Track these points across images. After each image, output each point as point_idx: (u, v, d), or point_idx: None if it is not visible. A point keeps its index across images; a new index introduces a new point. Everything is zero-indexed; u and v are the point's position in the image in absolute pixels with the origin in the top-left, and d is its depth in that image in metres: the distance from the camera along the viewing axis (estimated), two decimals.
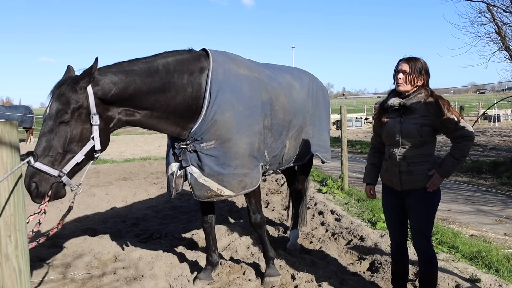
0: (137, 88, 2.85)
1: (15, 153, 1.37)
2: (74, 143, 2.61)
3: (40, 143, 2.54)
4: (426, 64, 2.96)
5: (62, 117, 2.55)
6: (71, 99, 2.58)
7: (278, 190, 8.00)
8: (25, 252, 1.41)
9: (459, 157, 2.82)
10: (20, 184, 1.41)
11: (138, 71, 2.88)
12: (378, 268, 3.94)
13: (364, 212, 6.07)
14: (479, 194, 7.77)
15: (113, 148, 16.66)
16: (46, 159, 2.51)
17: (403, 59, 2.98)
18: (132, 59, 3.00)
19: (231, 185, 3.24)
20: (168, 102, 3.02)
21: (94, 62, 2.63)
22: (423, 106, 2.86)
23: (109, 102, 2.78)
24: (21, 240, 1.39)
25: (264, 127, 3.45)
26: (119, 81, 2.78)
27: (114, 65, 2.89)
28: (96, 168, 11.40)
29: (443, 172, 2.84)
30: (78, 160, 2.63)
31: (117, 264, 4.16)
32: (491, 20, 10.85)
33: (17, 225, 1.37)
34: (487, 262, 4.09)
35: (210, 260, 3.81)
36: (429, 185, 2.86)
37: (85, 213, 6.42)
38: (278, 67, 4.23)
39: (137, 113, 2.96)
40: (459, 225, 5.72)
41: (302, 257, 4.30)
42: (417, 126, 2.84)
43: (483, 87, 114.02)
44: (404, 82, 2.91)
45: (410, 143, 2.88)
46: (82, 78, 2.62)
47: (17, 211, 1.38)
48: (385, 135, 3.04)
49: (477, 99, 47.67)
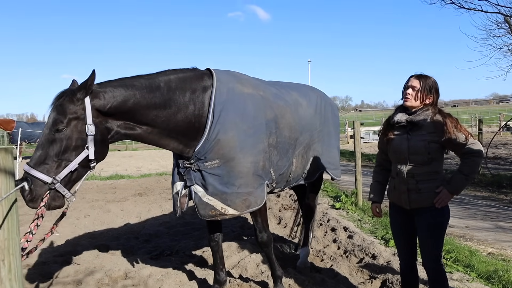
0: (136, 102, 2.90)
1: (10, 178, 1.42)
2: (68, 152, 2.66)
3: (37, 151, 2.63)
4: (436, 83, 2.94)
5: (57, 126, 2.63)
6: (67, 109, 2.66)
7: (291, 206, 7.94)
8: (19, 276, 1.44)
9: (468, 173, 2.77)
10: (15, 209, 1.45)
11: (138, 86, 2.94)
12: (389, 287, 3.85)
13: (378, 229, 5.97)
14: (499, 210, 7.55)
15: (130, 163, 16.95)
16: (41, 167, 2.57)
17: (414, 75, 2.97)
18: (134, 75, 3.07)
19: (235, 204, 3.24)
20: (169, 119, 3.06)
21: (91, 75, 2.70)
22: (430, 123, 2.83)
23: (108, 114, 2.83)
24: (15, 264, 1.42)
25: (269, 145, 3.46)
26: (118, 95, 2.84)
27: (116, 80, 2.97)
28: (113, 184, 11.58)
29: (451, 188, 2.79)
30: (71, 169, 2.67)
31: (127, 282, 4.19)
32: (509, 31, 10.69)
33: (10, 250, 1.41)
34: (504, 282, 3.95)
35: (217, 279, 3.80)
36: (437, 201, 2.79)
37: (100, 229, 6.51)
38: (285, 85, 4.24)
39: (137, 128, 3.01)
40: (477, 243, 5.56)
41: (312, 276, 4.24)
42: (425, 143, 2.81)
43: (506, 98, 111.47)
44: (412, 97, 2.89)
45: (418, 160, 2.84)
46: (79, 90, 2.71)
47: (11, 235, 1.42)
48: (391, 152, 3.01)
49: (499, 110, 46.61)
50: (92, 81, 2.71)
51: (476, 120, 22.43)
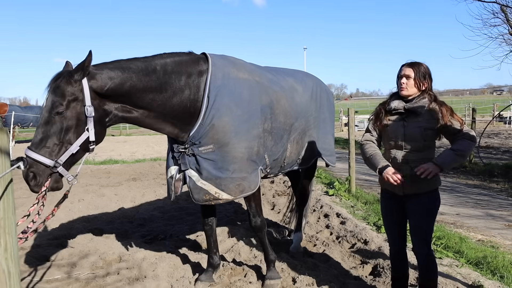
0: (133, 85, 2.90)
1: (5, 158, 1.42)
2: (69, 134, 2.66)
3: (37, 134, 2.61)
4: (428, 68, 2.96)
5: (57, 109, 2.62)
6: (66, 91, 2.64)
7: (285, 192, 8.00)
8: (15, 255, 1.45)
9: (457, 149, 2.74)
10: (10, 188, 1.45)
11: (135, 69, 2.93)
12: (380, 272, 3.92)
13: (370, 215, 6.04)
14: (490, 198, 7.65)
15: (125, 148, 16.90)
16: (43, 150, 2.56)
17: (406, 64, 2.97)
18: (130, 58, 3.05)
19: (228, 189, 3.26)
20: (165, 103, 3.05)
21: (88, 56, 2.68)
22: (427, 110, 2.85)
23: (105, 96, 2.83)
24: (11, 243, 1.43)
25: (264, 130, 3.46)
26: (115, 77, 2.83)
27: (112, 62, 2.95)
28: (107, 168, 11.56)
29: (438, 160, 2.75)
30: (73, 151, 2.67)
31: (121, 265, 4.22)
32: (505, 21, 10.71)
33: (6, 229, 1.42)
34: (493, 268, 4.03)
35: (211, 262, 3.85)
36: (419, 169, 2.71)
37: (94, 213, 6.52)
38: (281, 71, 4.23)
39: (134, 111, 3.00)
40: (467, 230, 5.64)
41: (304, 260, 4.30)
42: (421, 130, 2.83)
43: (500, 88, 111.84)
44: (408, 86, 2.90)
45: (413, 147, 2.86)
46: (76, 71, 2.69)
47: (7, 215, 1.42)
48: (386, 138, 3.02)
49: (493, 100, 46.79)
50: (89, 63, 2.69)
51: (469, 109, 22.52)
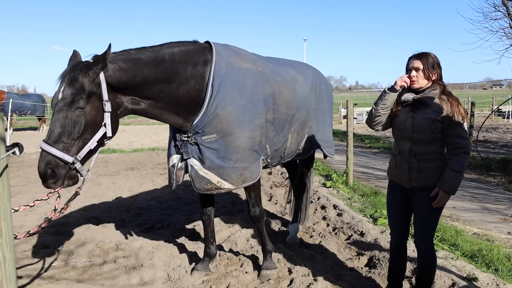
0: (145, 77, 2.86)
1: (1, 144, 1.41)
2: (88, 130, 2.59)
3: (54, 128, 2.49)
4: (436, 57, 2.91)
5: (78, 103, 2.53)
6: (85, 85, 2.56)
7: (282, 183, 8.01)
8: (10, 241, 1.44)
9: (459, 169, 2.73)
10: (6, 174, 1.44)
11: (145, 60, 2.88)
12: (376, 264, 3.94)
13: (367, 208, 6.06)
14: (486, 192, 7.68)
15: (123, 138, 16.84)
16: (61, 145, 2.48)
17: (414, 55, 2.93)
18: (139, 47, 2.99)
19: (231, 178, 3.26)
20: (172, 93, 3.03)
21: (108, 48, 2.62)
22: (436, 102, 2.83)
23: (118, 89, 2.78)
24: (6, 229, 1.43)
25: (266, 121, 3.46)
26: (128, 69, 2.78)
27: (122, 52, 2.88)
28: (104, 158, 11.54)
29: (447, 188, 2.71)
30: (91, 147, 2.63)
31: (118, 253, 4.23)
32: (506, 14, 10.64)
33: (1, 214, 1.41)
34: (488, 261, 4.06)
35: (208, 252, 3.86)
36: (435, 204, 2.74)
37: (91, 202, 6.52)
38: (282, 61, 4.21)
39: (142, 102, 2.98)
40: (463, 223, 5.67)
41: (300, 251, 4.32)
42: (429, 122, 2.80)
43: (500, 82, 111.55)
44: (418, 79, 2.87)
45: (421, 139, 2.84)
46: (96, 64, 2.60)
47: (2, 200, 1.42)
48: (395, 129, 3.01)
49: (492, 95, 46.79)
50: (109, 55, 2.62)
51: (468, 103, 22.51)
